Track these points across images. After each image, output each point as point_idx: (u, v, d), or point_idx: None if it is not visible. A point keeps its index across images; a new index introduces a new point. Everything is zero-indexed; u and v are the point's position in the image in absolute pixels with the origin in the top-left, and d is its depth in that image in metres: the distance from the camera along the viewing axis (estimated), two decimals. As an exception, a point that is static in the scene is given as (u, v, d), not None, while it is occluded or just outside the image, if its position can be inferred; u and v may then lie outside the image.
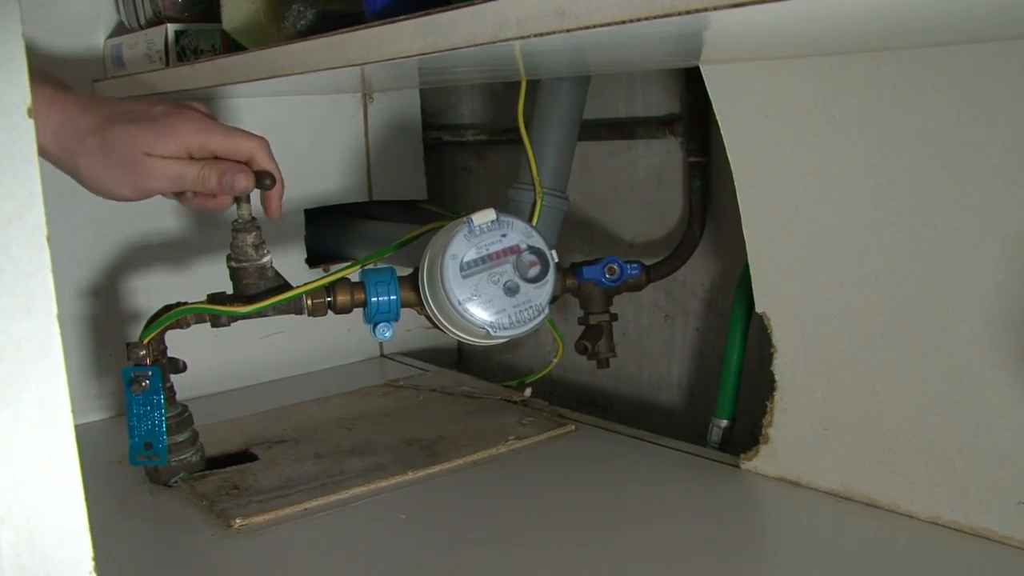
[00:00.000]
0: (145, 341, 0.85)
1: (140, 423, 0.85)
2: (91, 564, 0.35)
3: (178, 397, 0.90)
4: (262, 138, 0.83)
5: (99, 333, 1.13)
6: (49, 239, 0.34)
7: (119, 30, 1.15)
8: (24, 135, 0.33)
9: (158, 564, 0.78)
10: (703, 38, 0.58)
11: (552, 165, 1.03)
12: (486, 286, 0.80)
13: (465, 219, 0.81)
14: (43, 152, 0.77)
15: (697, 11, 0.40)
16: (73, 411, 0.35)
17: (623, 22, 0.43)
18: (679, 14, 0.41)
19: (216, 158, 0.81)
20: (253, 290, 0.86)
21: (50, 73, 0.83)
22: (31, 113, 0.33)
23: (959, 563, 0.70)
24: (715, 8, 0.39)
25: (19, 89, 0.33)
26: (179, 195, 0.85)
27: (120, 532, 0.82)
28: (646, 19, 0.42)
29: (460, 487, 0.88)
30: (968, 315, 0.70)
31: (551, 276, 0.83)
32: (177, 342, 0.89)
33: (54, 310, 0.34)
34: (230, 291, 0.87)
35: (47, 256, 0.34)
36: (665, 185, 1.11)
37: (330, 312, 0.87)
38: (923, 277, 0.72)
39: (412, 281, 0.86)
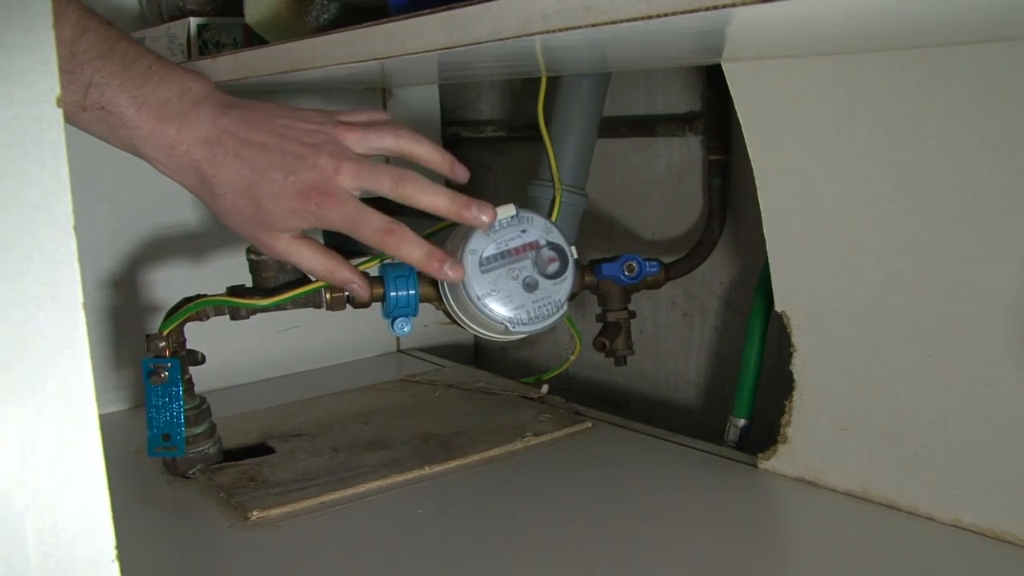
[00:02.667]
0: (164, 333, 0.85)
1: (159, 414, 0.85)
2: (114, 552, 0.35)
3: (196, 389, 0.91)
4: (388, 231, 0.73)
5: (118, 324, 1.14)
6: (76, 228, 0.34)
7: (141, 23, 1.15)
8: (53, 123, 0.33)
9: (175, 555, 0.79)
10: (726, 34, 0.58)
11: (571, 162, 1.03)
12: (505, 282, 0.80)
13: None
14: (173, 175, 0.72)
15: (724, 6, 0.40)
16: (96, 401, 0.35)
17: (649, 17, 0.43)
18: (705, 9, 0.40)
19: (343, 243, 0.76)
20: (272, 283, 0.86)
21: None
22: (60, 102, 0.33)
23: (979, 567, 0.70)
24: (742, 3, 0.39)
25: (48, 77, 0.33)
26: None
27: (138, 523, 0.83)
28: (672, 15, 0.42)
29: (476, 483, 0.88)
30: (990, 315, 0.69)
31: (570, 272, 0.83)
32: (196, 334, 0.89)
33: (80, 299, 0.34)
34: (249, 284, 0.87)
35: (74, 245, 0.34)
36: (685, 183, 1.11)
37: (348, 306, 0.87)
38: (945, 277, 0.71)
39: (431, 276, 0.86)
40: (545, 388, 1.13)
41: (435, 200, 0.72)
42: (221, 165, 0.69)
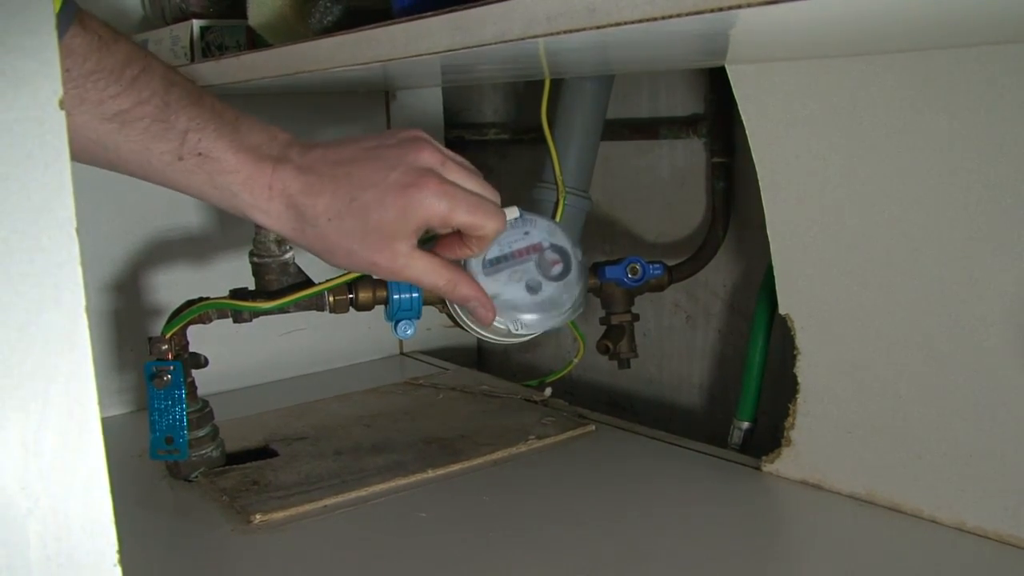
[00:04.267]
0: (167, 336, 0.85)
1: (161, 417, 0.85)
2: (116, 556, 0.35)
3: (199, 392, 0.91)
4: (502, 214, 0.73)
5: (121, 328, 1.14)
6: (79, 231, 0.34)
7: (144, 25, 1.15)
8: (56, 126, 0.33)
9: (178, 558, 0.79)
10: (730, 37, 0.57)
11: (575, 164, 1.02)
12: (508, 284, 0.80)
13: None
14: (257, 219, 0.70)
15: (729, 8, 0.40)
16: (99, 404, 0.35)
17: (654, 19, 0.42)
18: (711, 11, 0.40)
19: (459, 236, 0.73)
20: (275, 286, 0.86)
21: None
22: (63, 105, 0.33)
23: (984, 570, 0.70)
24: (748, 5, 0.39)
25: (51, 80, 0.33)
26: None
27: (140, 526, 0.83)
28: (677, 16, 0.42)
29: (480, 486, 0.88)
30: (994, 318, 0.69)
31: (574, 274, 0.82)
32: (199, 337, 0.89)
33: (83, 302, 0.34)
34: (252, 287, 0.87)
35: (76, 248, 0.34)
36: (688, 186, 1.11)
37: (352, 309, 0.87)
38: (948, 280, 0.71)
39: (434, 279, 0.85)
40: (548, 391, 1.12)
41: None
42: (318, 192, 0.68)
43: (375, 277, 0.85)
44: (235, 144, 0.67)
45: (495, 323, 0.80)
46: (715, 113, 1.04)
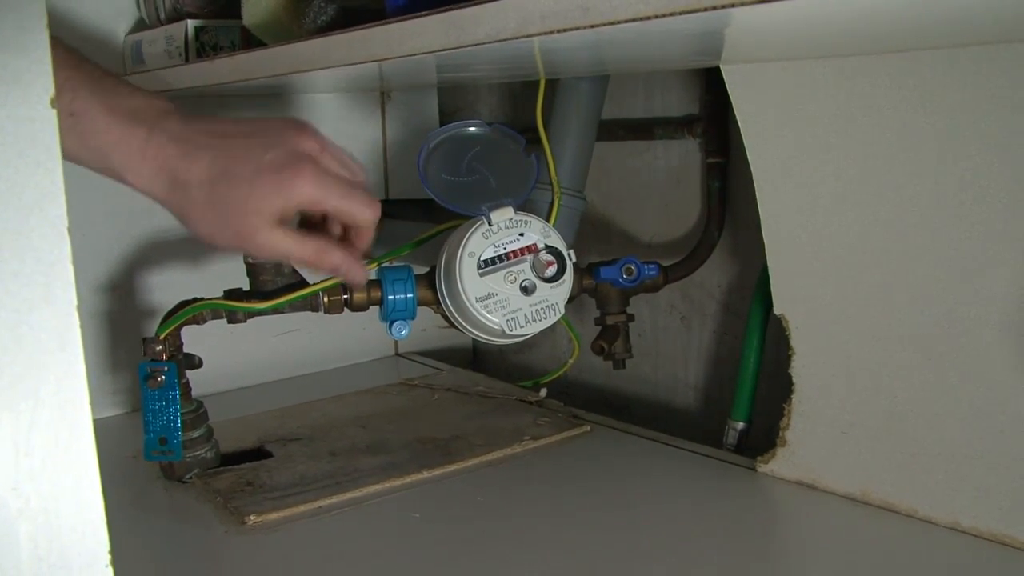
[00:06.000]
0: (161, 336, 0.85)
1: (155, 418, 0.85)
2: (108, 557, 0.35)
3: (194, 393, 0.90)
4: (376, 204, 0.75)
5: (115, 328, 1.13)
6: (70, 230, 0.34)
7: (139, 26, 1.15)
8: (47, 125, 0.33)
9: (172, 560, 0.79)
10: (725, 36, 0.57)
11: (570, 165, 1.02)
12: (503, 285, 0.80)
13: (483, 217, 0.81)
14: (145, 190, 0.71)
15: (723, 7, 0.39)
16: (91, 404, 0.35)
17: (647, 18, 0.42)
18: (704, 10, 0.40)
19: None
20: (270, 286, 0.86)
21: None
22: (54, 103, 0.33)
23: (978, 570, 0.70)
24: (740, 4, 0.39)
25: (43, 79, 0.33)
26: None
27: (134, 527, 0.83)
28: (671, 15, 0.42)
29: (474, 487, 0.88)
30: (989, 319, 0.69)
31: (568, 276, 0.82)
32: (193, 338, 0.89)
33: (74, 301, 0.34)
34: (247, 287, 0.87)
35: (68, 247, 0.34)
36: (683, 186, 1.10)
37: (346, 309, 0.87)
38: (944, 280, 0.71)
39: (429, 279, 0.85)
40: (543, 392, 1.12)
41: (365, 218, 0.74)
42: (194, 159, 0.69)
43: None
44: (108, 105, 0.67)
45: (490, 323, 0.80)
46: (710, 113, 1.04)
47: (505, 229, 0.81)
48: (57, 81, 0.65)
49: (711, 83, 1.03)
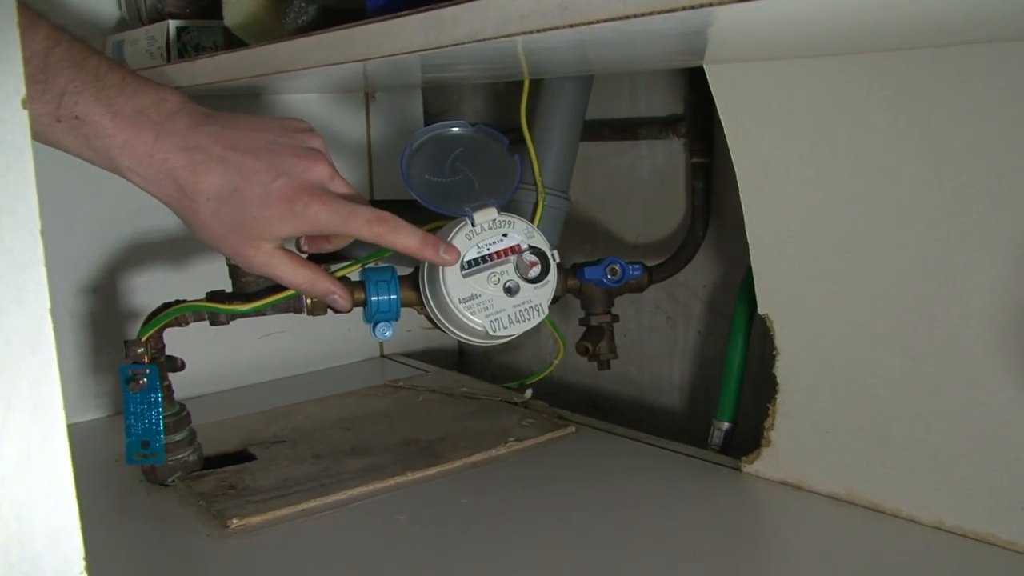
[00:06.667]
0: (143, 339, 0.84)
1: (137, 422, 0.84)
2: (82, 564, 0.35)
3: (176, 396, 0.90)
4: (383, 217, 0.73)
5: (97, 331, 1.13)
6: (43, 232, 0.33)
7: (120, 26, 1.14)
8: (18, 125, 0.32)
9: (154, 564, 0.78)
10: (707, 35, 0.57)
11: (554, 165, 1.02)
12: (486, 286, 0.80)
13: (466, 218, 0.81)
14: (148, 188, 0.70)
15: (701, 6, 0.39)
16: (66, 408, 0.34)
17: (627, 17, 0.42)
18: (683, 9, 0.40)
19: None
20: (252, 288, 0.85)
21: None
22: (25, 104, 0.32)
23: (962, 569, 0.70)
24: (720, 3, 0.39)
25: (13, 79, 0.32)
26: None
27: (116, 531, 0.82)
28: (649, 14, 0.42)
29: (459, 488, 0.88)
30: (972, 319, 0.69)
31: (552, 277, 0.82)
32: (176, 340, 0.89)
33: (47, 304, 0.33)
34: (229, 289, 0.87)
35: (40, 249, 0.33)
36: (668, 186, 1.10)
37: (330, 311, 0.87)
38: (927, 280, 0.71)
39: (412, 280, 0.85)
40: (529, 393, 1.12)
41: (408, 241, 0.74)
42: (204, 171, 0.68)
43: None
44: (113, 108, 0.67)
45: (474, 325, 0.80)
46: (694, 113, 1.04)
47: (488, 230, 0.80)
48: (61, 82, 0.65)
49: (695, 83, 1.03)
